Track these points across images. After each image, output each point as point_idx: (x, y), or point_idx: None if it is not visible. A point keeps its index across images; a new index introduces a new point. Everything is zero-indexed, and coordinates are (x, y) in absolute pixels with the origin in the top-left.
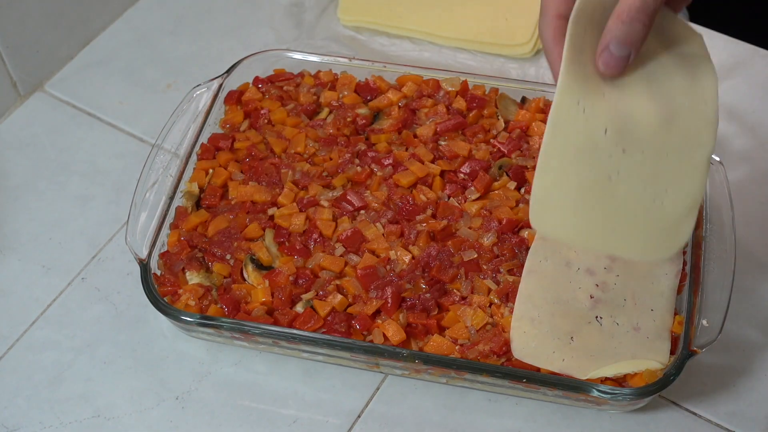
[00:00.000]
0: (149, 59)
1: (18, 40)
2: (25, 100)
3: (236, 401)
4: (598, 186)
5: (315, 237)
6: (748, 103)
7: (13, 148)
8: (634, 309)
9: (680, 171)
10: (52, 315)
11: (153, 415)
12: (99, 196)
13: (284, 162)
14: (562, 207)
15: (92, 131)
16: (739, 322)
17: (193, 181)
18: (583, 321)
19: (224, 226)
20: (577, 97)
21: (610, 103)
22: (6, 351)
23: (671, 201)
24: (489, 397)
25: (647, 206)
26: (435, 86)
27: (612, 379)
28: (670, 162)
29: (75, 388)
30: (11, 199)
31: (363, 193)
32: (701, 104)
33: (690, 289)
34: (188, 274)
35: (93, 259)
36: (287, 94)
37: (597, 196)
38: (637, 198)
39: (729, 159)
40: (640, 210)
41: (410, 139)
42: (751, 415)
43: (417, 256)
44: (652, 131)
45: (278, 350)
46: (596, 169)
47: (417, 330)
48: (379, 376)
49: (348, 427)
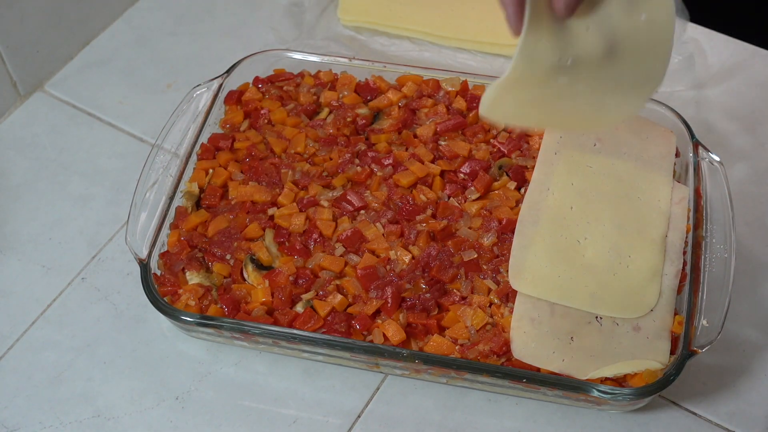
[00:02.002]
0: (149, 59)
1: (18, 40)
2: (25, 100)
3: (236, 401)
4: (570, 248)
5: (315, 237)
6: (748, 103)
7: (13, 148)
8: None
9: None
10: (52, 315)
11: (153, 415)
12: (99, 196)
13: (284, 162)
14: (535, 268)
15: (92, 131)
16: (739, 322)
17: (193, 181)
18: (583, 321)
19: (224, 226)
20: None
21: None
22: (6, 351)
23: (636, 267)
24: (489, 397)
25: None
26: (435, 86)
27: (612, 379)
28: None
29: (75, 388)
30: (11, 199)
31: (363, 193)
32: (645, 35)
33: (690, 289)
34: (188, 274)
35: (93, 259)
36: (287, 94)
37: (566, 258)
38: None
39: (729, 159)
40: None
41: (410, 139)
42: (751, 415)
43: (417, 256)
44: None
45: (278, 350)
46: (567, 232)
47: (417, 330)
48: (379, 376)
49: (348, 427)
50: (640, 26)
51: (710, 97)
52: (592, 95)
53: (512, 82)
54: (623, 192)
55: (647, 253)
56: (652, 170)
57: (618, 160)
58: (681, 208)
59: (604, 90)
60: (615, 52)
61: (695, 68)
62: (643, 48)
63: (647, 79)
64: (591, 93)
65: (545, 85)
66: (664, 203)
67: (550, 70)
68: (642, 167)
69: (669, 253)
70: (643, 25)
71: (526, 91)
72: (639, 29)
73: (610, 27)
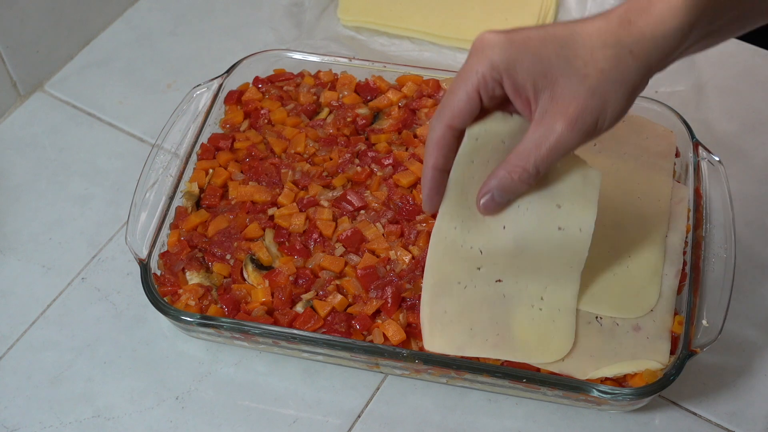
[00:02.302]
0: (149, 59)
1: (18, 40)
2: (25, 100)
3: (236, 401)
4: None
5: (315, 237)
6: (748, 103)
7: (13, 148)
8: None
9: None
10: (52, 315)
11: (153, 415)
12: (99, 196)
13: (284, 162)
14: None
15: (92, 131)
16: (739, 322)
17: (193, 181)
18: (583, 321)
19: (224, 226)
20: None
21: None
22: (6, 351)
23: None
24: (489, 397)
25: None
26: (435, 86)
27: (612, 379)
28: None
29: (75, 388)
30: (11, 199)
31: (363, 193)
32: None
33: (690, 289)
34: (188, 274)
35: (93, 259)
36: (287, 94)
37: None
38: None
39: (729, 159)
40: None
41: (410, 139)
42: (751, 415)
43: (417, 256)
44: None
45: (278, 350)
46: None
47: (417, 330)
48: (379, 376)
49: (348, 427)
50: (555, 236)
51: (710, 97)
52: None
53: (433, 293)
54: (623, 192)
55: (647, 254)
56: (652, 170)
57: (618, 160)
58: (681, 208)
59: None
60: (524, 252)
61: (695, 68)
62: (552, 255)
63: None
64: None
65: (467, 279)
66: (664, 203)
67: (465, 259)
68: (642, 167)
69: (669, 254)
70: (557, 235)
71: (453, 300)
72: (553, 237)
73: (524, 231)
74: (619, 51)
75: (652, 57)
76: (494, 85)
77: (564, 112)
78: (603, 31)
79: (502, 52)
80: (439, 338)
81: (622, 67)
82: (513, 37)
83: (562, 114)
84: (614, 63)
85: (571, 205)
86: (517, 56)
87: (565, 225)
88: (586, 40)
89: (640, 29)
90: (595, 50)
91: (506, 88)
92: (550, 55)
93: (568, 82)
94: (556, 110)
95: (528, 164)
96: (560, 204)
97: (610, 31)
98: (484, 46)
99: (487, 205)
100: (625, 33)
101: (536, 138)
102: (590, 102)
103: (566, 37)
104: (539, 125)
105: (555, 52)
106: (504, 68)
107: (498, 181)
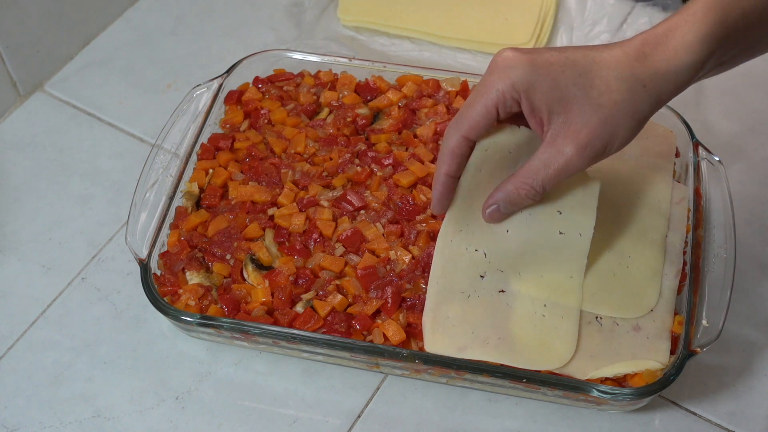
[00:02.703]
0: (149, 59)
1: (18, 40)
2: (25, 100)
3: (236, 401)
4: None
5: (315, 237)
6: (748, 103)
7: (13, 148)
8: None
9: None
10: (52, 315)
11: (153, 415)
12: (99, 196)
13: (284, 162)
14: None
15: (92, 131)
16: (739, 322)
17: (193, 181)
18: (583, 321)
19: (224, 226)
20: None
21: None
22: (6, 351)
23: None
24: (489, 397)
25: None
26: (435, 86)
27: (612, 379)
28: None
29: (75, 388)
30: (11, 199)
31: (363, 193)
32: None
33: (690, 289)
34: (188, 274)
35: (93, 259)
36: (287, 94)
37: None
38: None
39: (729, 159)
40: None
41: (410, 139)
42: (751, 415)
43: (417, 256)
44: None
45: (278, 350)
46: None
47: (417, 330)
48: (379, 376)
49: (348, 427)
50: (556, 239)
51: (710, 97)
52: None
53: (437, 300)
54: (623, 192)
55: (647, 253)
56: (652, 170)
57: (617, 160)
58: (681, 208)
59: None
60: (527, 254)
61: None
62: (554, 256)
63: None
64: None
65: (470, 289)
66: (664, 203)
67: (469, 265)
68: (642, 167)
69: (669, 254)
70: (558, 239)
71: (456, 307)
72: (554, 240)
73: (527, 234)
74: (633, 84)
75: (664, 91)
76: (512, 104)
77: (575, 137)
78: (619, 62)
79: (523, 74)
80: (440, 340)
81: (634, 100)
82: (535, 60)
83: (573, 139)
84: (628, 96)
85: (571, 212)
86: (537, 79)
87: (566, 229)
88: (603, 70)
89: (655, 64)
90: (610, 82)
91: (523, 107)
92: (568, 82)
93: (582, 109)
94: (568, 134)
95: (536, 182)
96: (561, 210)
97: (625, 64)
98: (507, 65)
99: (492, 215)
100: (640, 66)
101: (546, 158)
102: (601, 130)
103: (585, 66)
104: (550, 146)
105: (573, 80)
106: (523, 89)
107: (505, 194)
